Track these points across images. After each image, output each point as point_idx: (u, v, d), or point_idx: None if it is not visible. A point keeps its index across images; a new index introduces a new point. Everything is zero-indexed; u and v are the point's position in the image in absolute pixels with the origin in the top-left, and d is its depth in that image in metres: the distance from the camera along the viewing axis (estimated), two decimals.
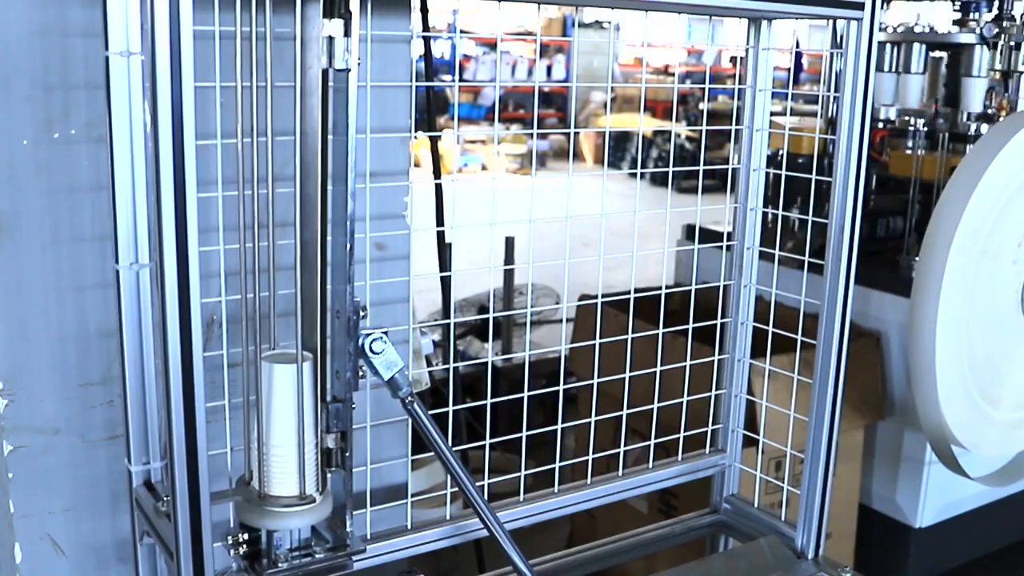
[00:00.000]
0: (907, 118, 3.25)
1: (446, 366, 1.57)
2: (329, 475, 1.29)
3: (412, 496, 1.59)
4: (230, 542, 1.25)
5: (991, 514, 3.27)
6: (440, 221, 2.16)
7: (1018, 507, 3.35)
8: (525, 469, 1.67)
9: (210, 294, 1.37)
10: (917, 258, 2.38)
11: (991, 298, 2.43)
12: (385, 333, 1.30)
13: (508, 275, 4.49)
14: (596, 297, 1.80)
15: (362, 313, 1.26)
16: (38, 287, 1.38)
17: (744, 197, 1.80)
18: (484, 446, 1.65)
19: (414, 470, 1.69)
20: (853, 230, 1.60)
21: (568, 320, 3.62)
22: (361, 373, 1.29)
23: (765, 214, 1.83)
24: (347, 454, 1.28)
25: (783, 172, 1.79)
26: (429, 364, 1.93)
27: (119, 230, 1.30)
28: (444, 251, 2.20)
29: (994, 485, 2.80)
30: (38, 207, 1.36)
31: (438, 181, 2.12)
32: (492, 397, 1.62)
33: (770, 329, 1.79)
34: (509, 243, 4.31)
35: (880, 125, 3.34)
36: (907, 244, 3.16)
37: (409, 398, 1.38)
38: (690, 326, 1.81)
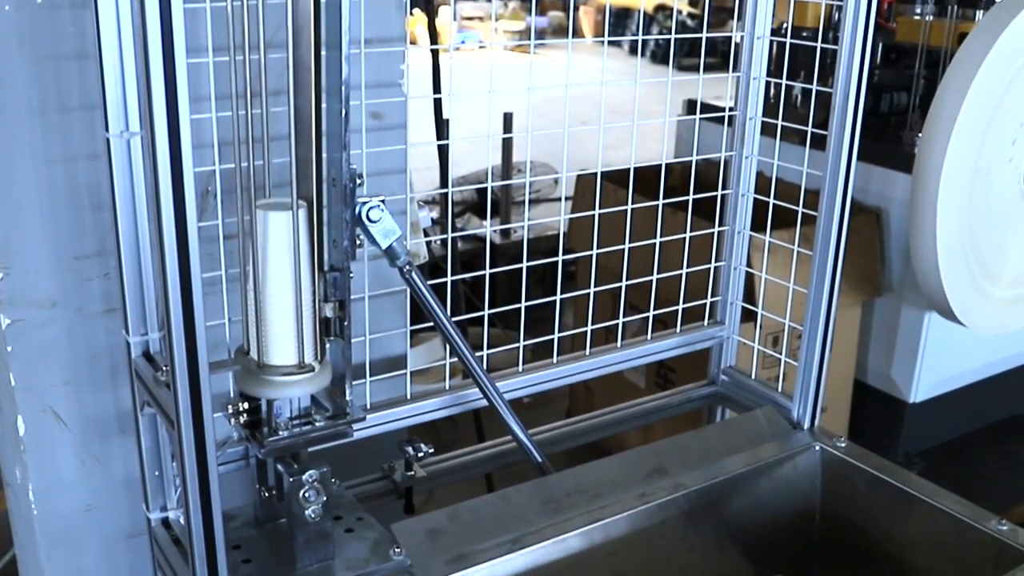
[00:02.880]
0: None
1: (444, 236, 1.55)
2: (328, 344, 1.28)
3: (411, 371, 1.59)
4: (230, 411, 1.26)
5: (983, 390, 3.32)
6: (437, 90, 2.11)
7: (1010, 384, 3.39)
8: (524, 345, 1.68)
9: (204, 164, 1.35)
10: (920, 135, 2.35)
11: (993, 177, 2.41)
12: (382, 201, 1.28)
13: (506, 148, 4.41)
14: (595, 171, 1.78)
15: (358, 181, 1.24)
16: (27, 159, 1.35)
17: (747, 66, 1.75)
18: (483, 317, 1.65)
19: (412, 346, 1.69)
20: (858, 99, 1.57)
21: (567, 199, 3.59)
22: (359, 243, 1.28)
23: (767, 88, 1.79)
24: (345, 323, 1.27)
25: (787, 40, 1.75)
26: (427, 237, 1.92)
27: (108, 98, 1.27)
28: (442, 123, 2.15)
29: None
30: (23, 75, 1.32)
31: (434, 47, 2.06)
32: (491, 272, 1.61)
33: (771, 201, 1.78)
34: (507, 119, 4.24)
35: None
36: (911, 120, 3.12)
37: (407, 267, 1.37)
38: (690, 197, 1.79)
